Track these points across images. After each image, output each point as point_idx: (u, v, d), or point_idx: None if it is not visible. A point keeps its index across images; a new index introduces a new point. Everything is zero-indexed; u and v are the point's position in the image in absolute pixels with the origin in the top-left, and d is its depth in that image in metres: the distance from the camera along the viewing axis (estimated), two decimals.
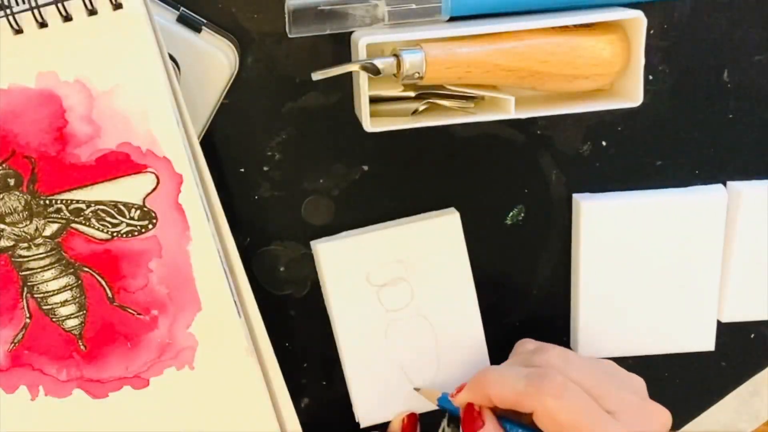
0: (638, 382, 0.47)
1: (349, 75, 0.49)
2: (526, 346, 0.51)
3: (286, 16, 0.45)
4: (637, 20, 0.45)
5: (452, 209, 0.52)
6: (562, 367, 0.45)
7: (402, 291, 0.52)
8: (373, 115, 0.46)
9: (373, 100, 0.47)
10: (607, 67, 0.45)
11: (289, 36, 0.46)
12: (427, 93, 0.48)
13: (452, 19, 0.47)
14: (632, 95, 0.47)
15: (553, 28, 0.45)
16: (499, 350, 0.55)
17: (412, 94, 0.48)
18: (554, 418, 0.43)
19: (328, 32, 0.46)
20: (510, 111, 0.46)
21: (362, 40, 0.43)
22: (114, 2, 0.41)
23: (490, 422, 0.46)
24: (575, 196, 0.53)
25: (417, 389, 0.53)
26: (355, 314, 0.52)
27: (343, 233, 0.52)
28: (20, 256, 0.44)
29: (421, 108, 0.48)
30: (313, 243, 0.52)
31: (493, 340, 0.54)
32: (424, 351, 0.53)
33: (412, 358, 0.53)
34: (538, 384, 0.44)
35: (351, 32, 0.47)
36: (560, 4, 0.47)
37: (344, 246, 0.51)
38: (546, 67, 0.45)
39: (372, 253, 0.51)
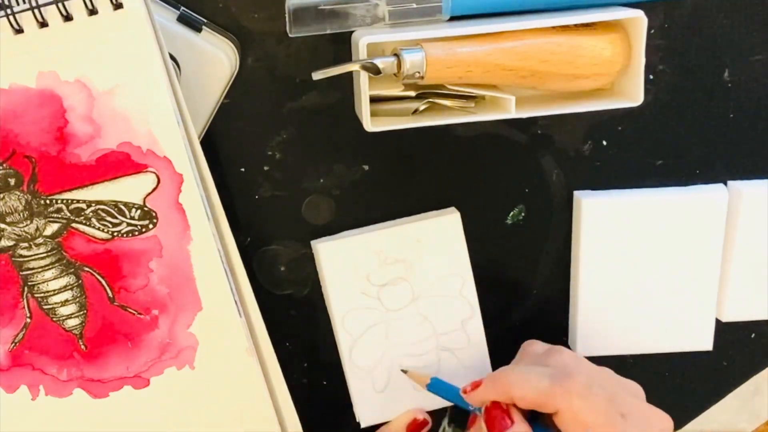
0: (637, 388, 0.47)
1: (349, 75, 0.49)
2: (533, 347, 0.50)
3: (287, 15, 0.45)
4: (637, 20, 0.45)
5: (453, 209, 0.52)
6: (577, 368, 0.45)
7: (402, 291, 0.52)
8: (373, 114, 0.46)
9: (374, 100, 0.47)
10: (607, 66, 0.45)
11: (290, 35, 0.46)
12: (428, 92, 0.48)
13: (452, 18, 0.47)
14: (633, 95, 0.47)
15: (553, 27, 0.45)
16: (499, 350, 0.55)
17: (412, 93, 0.48)
18: (579, 417, 0.43)
19: (328, 32, 0.46)
20: (510, 110, 0.46)
21: (363, 40, 0.43)
22: (114, 2, 0.41)
23: (521, 421, 0.46)
24: (576, 193, 0.53)
25: (404, 371, 0.53)
26: (356, 314, 0.52)
27: (343, 233, 0.52)
28: (21, 256, 0.44)
29: (422, 108, 0.48)
30: (313, 243, 0.52)
31: (493, 340, 0.54)
32: (425, 351, 0.53)
33: (413, 358, 0.53)
34: (563, 383, 0.43)
35: (351, 32, 0.47)
36: (560, 4, 0.47)
37: (344, 246, 0.51)
38: (546, 67, 0.45)
39: (372, 253, 0.51)
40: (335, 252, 0.51)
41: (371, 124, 0.45)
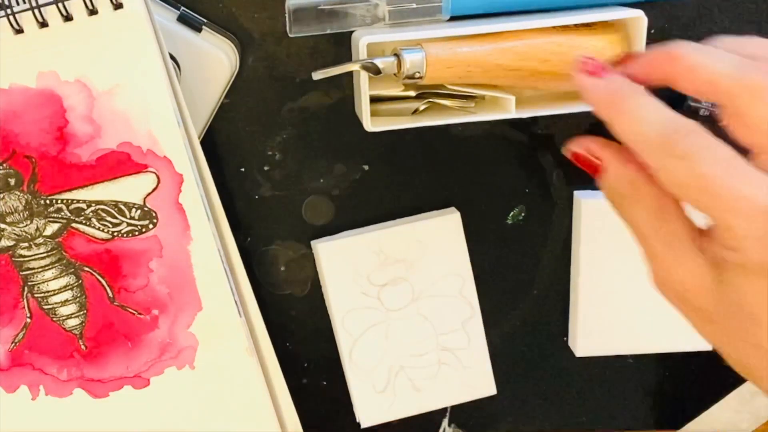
0: None
1: (349, 75, 0.49)
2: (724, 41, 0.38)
3: (287, 15, 0.45)
4: (637, 20, 0.45)
5: (453, 209, 0.52)
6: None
7: (403, 291, 0.52)
8: (373, 114, 0.46)
9: (374, 100, 0.47)
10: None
11: (290, 35, 0.46)
12: (428, 92, 0.48)
13: (452, 18, 0.47)
14: None
15: (553, 27, 0.45)
16: (499, 350, 0.55)
17: (412, 93, 0.48)
18: (753, 118, 0.34)
19: (328, 32, 0.46)
20: (511, 110, 0.46)
21: (363, 40, 0.43)
22: (114, 2, 0.41)
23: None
24: (576, 193, 0.53)
25: None
26: (356, 314, 0.52)
27: (343, 233, 0.52)
28: (21, 256, 0.44)
29: (422, 108, 0.48)
30: (313, 243, 0.52)
31: (493, 340, 0.54)
32: (425, 351, 0.53)
33: (413, 358, 0.53)
34: (753, 72, 0.34)
35: (351, 32, 0.47)
36: (561, 4, 0.47)
37: (344, 246, 0.51)
38: (547, 67, 0.45)
39: (372, 252, 0.51)
40: (335, 252, 0.51)
41: (371, 124, 0.45)
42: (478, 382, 0.54)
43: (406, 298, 0.52)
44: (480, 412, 0.56)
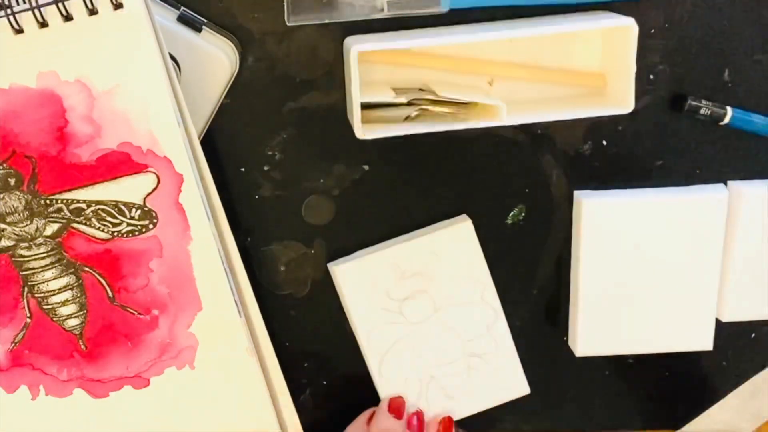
0: None
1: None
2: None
3: (285, 3, 0.45)
4: (628, 28, 0.45)
5: (464, 216, 0.52)
6: None
7: (423, 303, 0.52)
8: (366, 120, 0.46)
9: (366, 107, 0.47)
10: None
11: (288, 24, 0.46)
12: (420, 99, 0.48)
13: (451, 11, 0.47)
14: (623, 101, 0.47)
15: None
16: None
17: (404, 100, 0.48)
18: None
19: (326, 21, 0.46)
20: (502, 118, 0.46)
21: (354, 48, 0.43)
22: (114, 2, 0.41)
23: None
24: (576, 193, 0.53)
25: None
26: (380, 330, 0.52)
27: (358, 252, 0.52)
28: (21, 256, 0.44)
29: (414, 114, 0.48)
30: (330, 265, 0.52)
31: None
32: (453, 359, 0.53)
33: (442, 367, 0.53)
34: None
35: (351, 31, 0.48)
36: (556, 1, 0.47)
37: (362, 265, 0.51)
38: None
39: (390, 268, 0.51)
40: (353, 273, 0.51)
41: (363, 132, 0.45)
42: (510, 383, 0.55)
43: (428, 309, 0.52)
44: (480, 412, 0.56)
